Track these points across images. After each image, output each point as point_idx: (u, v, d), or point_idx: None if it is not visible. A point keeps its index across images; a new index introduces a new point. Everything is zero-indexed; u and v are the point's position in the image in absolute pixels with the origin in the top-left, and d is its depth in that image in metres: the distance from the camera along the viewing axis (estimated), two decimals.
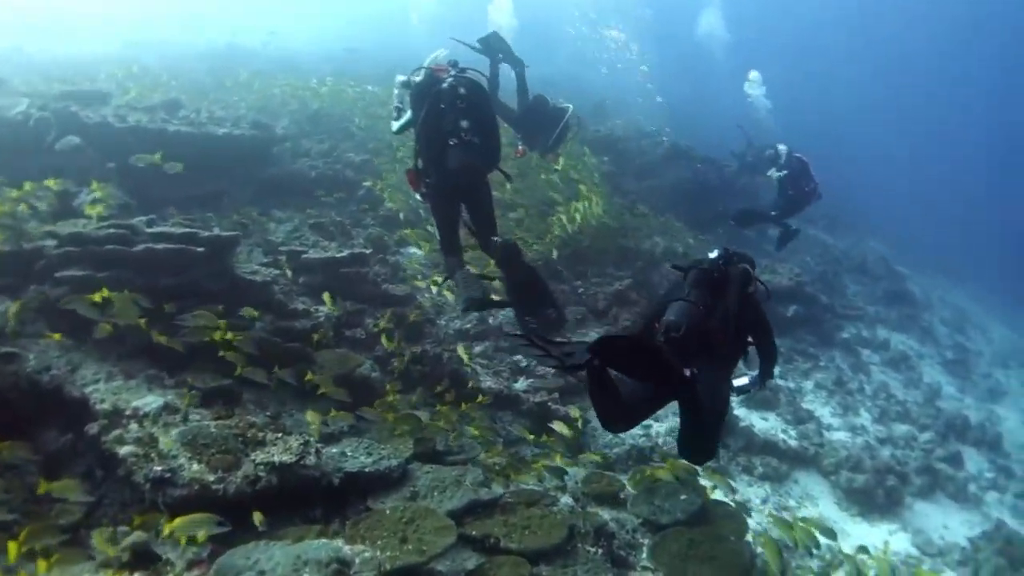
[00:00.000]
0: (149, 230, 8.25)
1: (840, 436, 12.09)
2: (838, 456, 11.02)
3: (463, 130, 6.75)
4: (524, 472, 7.58)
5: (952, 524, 11.18)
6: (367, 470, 6.47)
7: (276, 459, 5.81)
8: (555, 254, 11.98)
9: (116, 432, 5.99)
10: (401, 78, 7.65)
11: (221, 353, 7.03)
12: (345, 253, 10.10)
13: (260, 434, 6.10)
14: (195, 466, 5.63)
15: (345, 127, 17.09)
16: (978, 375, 18.05)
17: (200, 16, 31.68)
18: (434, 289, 10.58)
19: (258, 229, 11.77)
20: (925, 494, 11.59)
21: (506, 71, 11.46)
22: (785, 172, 14.45)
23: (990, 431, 14.54)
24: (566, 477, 7.78)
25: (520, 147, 11.61)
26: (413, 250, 12.37)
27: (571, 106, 11.60)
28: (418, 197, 7.42)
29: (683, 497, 7.43)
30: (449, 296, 10.22)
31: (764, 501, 9.96)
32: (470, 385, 9.04)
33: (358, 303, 9.67)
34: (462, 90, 6.95)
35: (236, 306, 8.10)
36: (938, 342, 18.94)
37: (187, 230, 8.35)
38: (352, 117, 17.35)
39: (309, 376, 7.43)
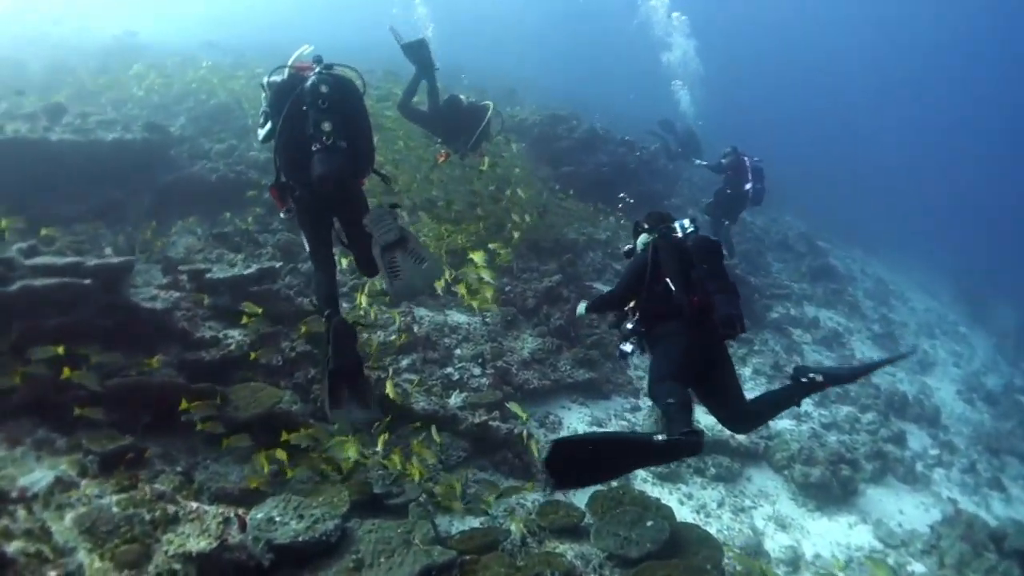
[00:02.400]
0: (28, 262, 7.07)
1: (786, 425, 11.57)
2: (790, 449, 10.46)
3: (325, 133, 5.74)
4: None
5: (907, 509, 10.84)
6: (301, 539, 5.48)
7: (192, 547, 4.73)
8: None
9: (1, 523, 4.83)
10: (265, 79, 6.54)
11: (77, 411, 5.99)
12: (253, 269, 8.89)
13: (171, 508, 4.99)
14: (97, 563, 4.48)
15: (244, 123, 15.67)
16: (906, 347, 17.90)
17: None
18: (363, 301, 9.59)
19: (156, 244, 10.62)
20: (877, 479, 11.22)
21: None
22: (725, 168, 14.59)
23: (927, 405, 14.36)
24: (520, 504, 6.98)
25: (442, 151, 11.12)
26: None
27: (491, 103, 10.98)
28: (282, 215, 6.31)
29: (650, 524, 6.60)
30: (370, 309, 9.29)
31: (720, 504, 9.32)
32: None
33: (271, 324, 8.54)
34: (324, 88, 5.94)
35: (136, 342, 7.03)
36: (865, 316, 18.83)
37: (72, 260, 7.18)
38: (249, 111, 15.96)
39: (204, 426, 6.41)
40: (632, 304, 5.95)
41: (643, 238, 6.16)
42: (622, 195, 16.23)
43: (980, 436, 14.28)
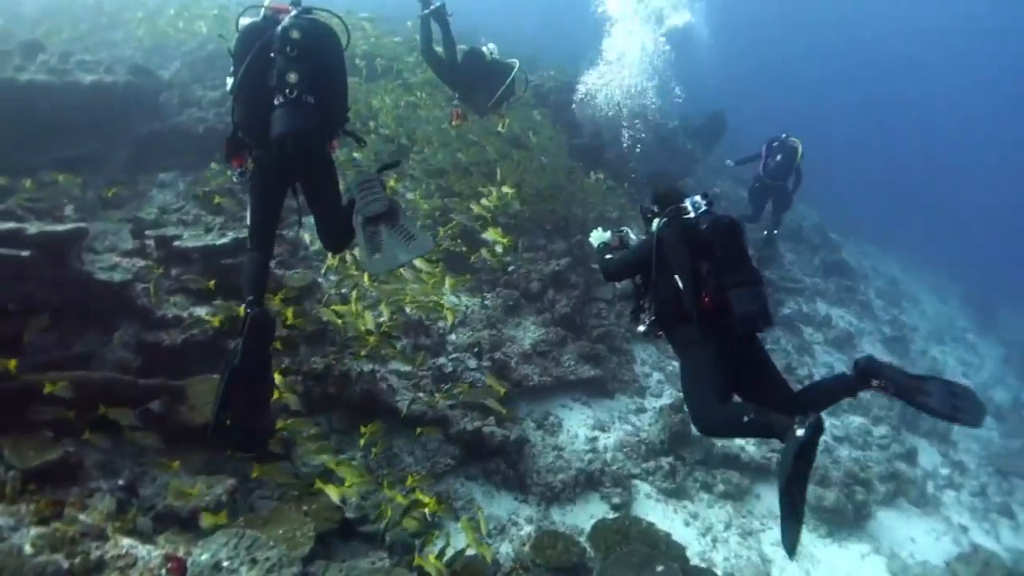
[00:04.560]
0: None
1: None
2: None
3: (290, 85, 4.89)
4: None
5: (919, 536, 10.26)
6: None
7: None
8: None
9: None
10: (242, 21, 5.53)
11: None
12: (227, 239, 7.86)
13: (96, 551, 4.06)
14: None
15: None
16: (916, 352, 17.37)
17: None
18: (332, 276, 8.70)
19: (129, 202, 9.71)
20: (889, 501, 10.59)
21: None
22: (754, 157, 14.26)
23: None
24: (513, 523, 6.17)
25: (457, 109, 10.20)
26: None
27: (517, 62, 10.05)
28: (234, 178, 5.35)
29: (660, 569, 5.79)
30: (366, 281, 8.34)
31: (727, 526, 8.55)
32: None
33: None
34: (295, 33, 5.05)
35: (89, 319, 6.14)
36: (876, 316, 18.14)
37: (10, 226, 6.15)
38: None
39: (131, 436, 5.53)
40: (646, 297, 5.23)
41: (655, 223, 5.28)
42: (632, 163, 15.46)
43: (989, 456, 13.65)
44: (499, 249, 9.47)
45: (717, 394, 4.52)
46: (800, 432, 3.83)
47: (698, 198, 5.14)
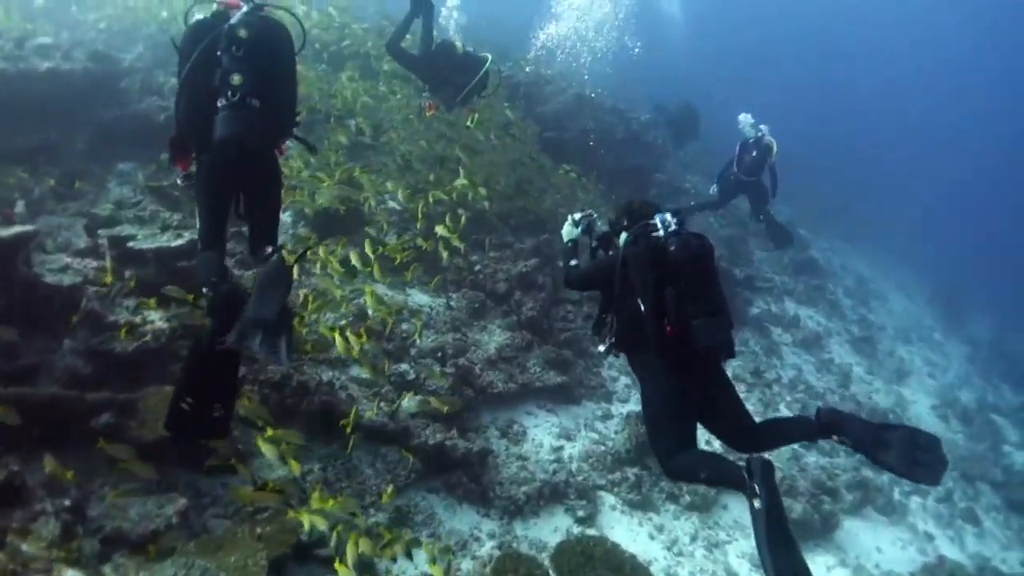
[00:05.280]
0: None
1: None
2: None
3: (233, 87, 4.61)
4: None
5: (885, 546, 10.24)
6: None
7: None
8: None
9: None
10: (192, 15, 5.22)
11: None
12: (183, 240, 7.44)
13: None
14: None
15: None
16: (883, 353, 17.33)
17: None
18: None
19: (86, 195, 9.32)
20: (856, 509, 10.53)
21: None
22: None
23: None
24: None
25: (428, 102, 10.21)
26: (284, 214, 9.75)
27: (489, 55, 9.89)
28: (178, 180, 5.08)
29: None
30: (324, 283, 8.05)
31: (693, 538, 8.38)
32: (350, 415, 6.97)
33: (198, 307, 7.18)
34: (243, 32, 4.77)
35: (37, 325, 5.81)
36: (844, 316, 18.12)
37: None
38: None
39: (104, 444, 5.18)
40: (609, 315, 4.99)
41: (622, 237, 5.03)
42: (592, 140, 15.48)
43: (955, 460, 13.60)
44: (450, 245, 9.25)
45: (677, 438, 4.40)
46: (758, 504, 3.78)
47: (668, 216, 4.85)
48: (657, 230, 4.78)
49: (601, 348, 4.92)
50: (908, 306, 22.41)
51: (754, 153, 13.52)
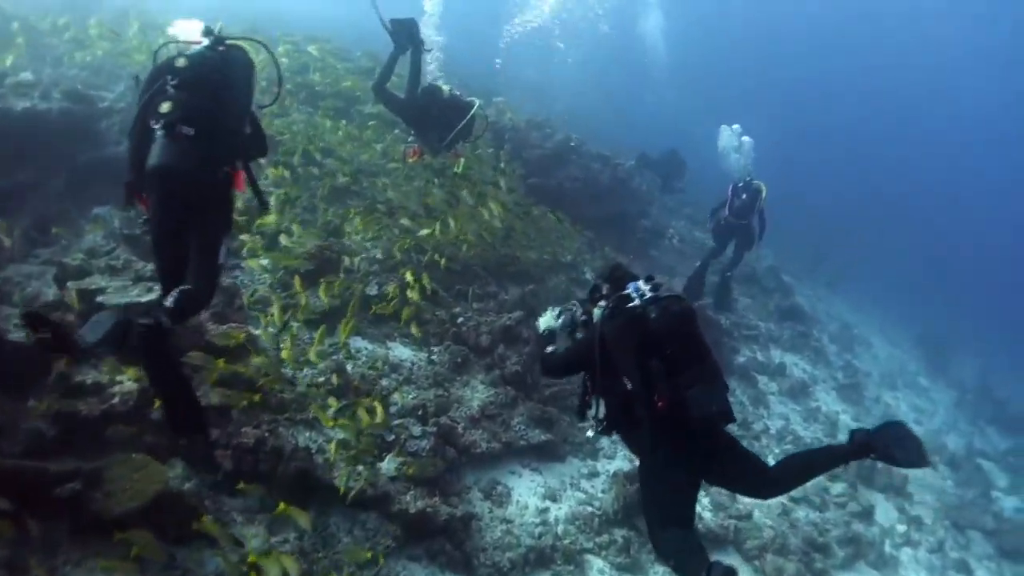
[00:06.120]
0: None
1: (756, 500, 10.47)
2: (761, 537, 9.33)
3: (163, 115, 4.58)
4: None
5: None
6: None
7: None
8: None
9: None
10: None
11: None
12: (155, 294, 7.00)
13: None
14: None
15: None
16: (870, 400, 17.23)
17: None
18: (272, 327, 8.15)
19: (58, 241, 9.07)
20: (848, 565, 10.31)
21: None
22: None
23: (895, 473, 13.35)
24: None
25: (413, 147, 10.21)
26: (254, 263, 9.43)
27: (477, 100, 9.81)
28: (139, 220, 5.02)
29: None
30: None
31: None
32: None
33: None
34: (180, 62, 4.80)
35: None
36: (830, 363, 17.98)
37: None
38: None
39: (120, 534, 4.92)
40: (593, 397, 4.77)
41: (597, 311, 4.86)
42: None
43: (945, 508, 13.46)
44: (416, 293, 9.17)
45: (675, 520, 4.22)
46: None
47: (641, 283, 4.68)
48: (632, 300, 4.60)
49: (590, 433, 4.70)
50: (892, 351, 22.36)
51: (744, 196, 13.61)
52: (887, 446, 4.44)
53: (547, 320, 5.44)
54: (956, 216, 51.49)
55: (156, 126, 4.56)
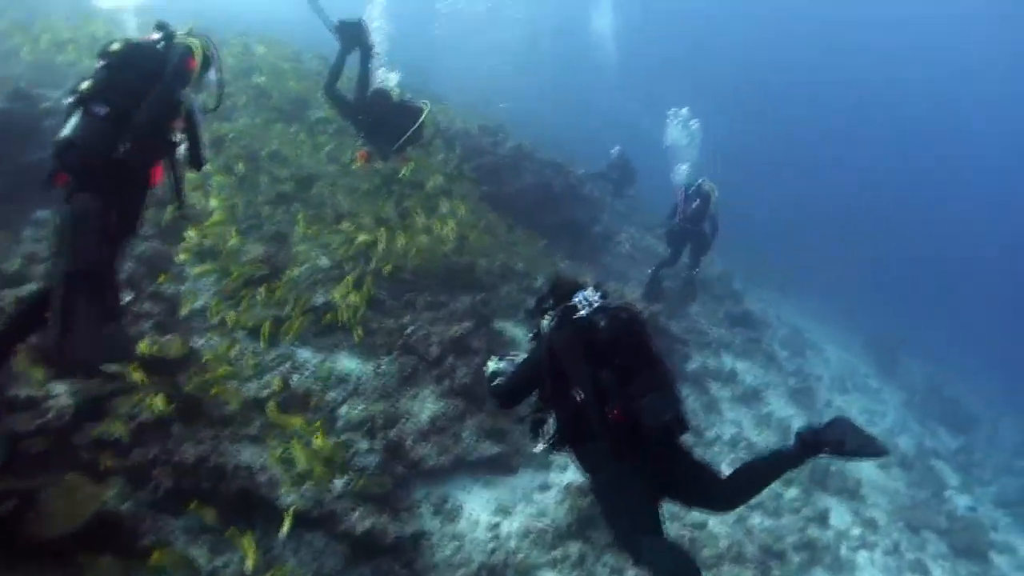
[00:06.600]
0: None
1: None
2: (718, 547, 9.22)
3: (80, 92, 4.68)
4: None
5: None
6: None
7: None
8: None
9: None
10: None
11: None
12: None
13: None
14: None
15: None
16: (821, 404, 17.29)
17: None
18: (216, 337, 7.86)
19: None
20: (804, 571, 10.28)
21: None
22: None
23: (848, 476, 13.45)
24: None
25: (361, 150, 10.17)
26: (197, 271, 9.04)
27: (428, 104, 9.74)
28: None
29: None
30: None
31: None
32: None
33: (107, 380, 6.48)
34: (115, 46, 4.92)
35: None
36: (781, 368, 18.02)
37: None
38: None
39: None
40: (545, 413, 4.59)
41: (544, 323, 4.73)
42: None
43: (898, 509, 13.59)
44: (357, 297, 9.04)
45: (639, 527, 4.12)
46: None
47: (588, 292, 4.62)
48: (579, 310, 4.49)
49: (540, 447, 4.52)
50: (842, 355, 22.55)
51: (696, 202, 13.64)
52: (838, 441, 4.34)
53: (493, 365, 5.21)
54: (905, 220, 52.36)
55: (71, 100, 4.66)
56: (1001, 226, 55.57)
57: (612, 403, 4.13)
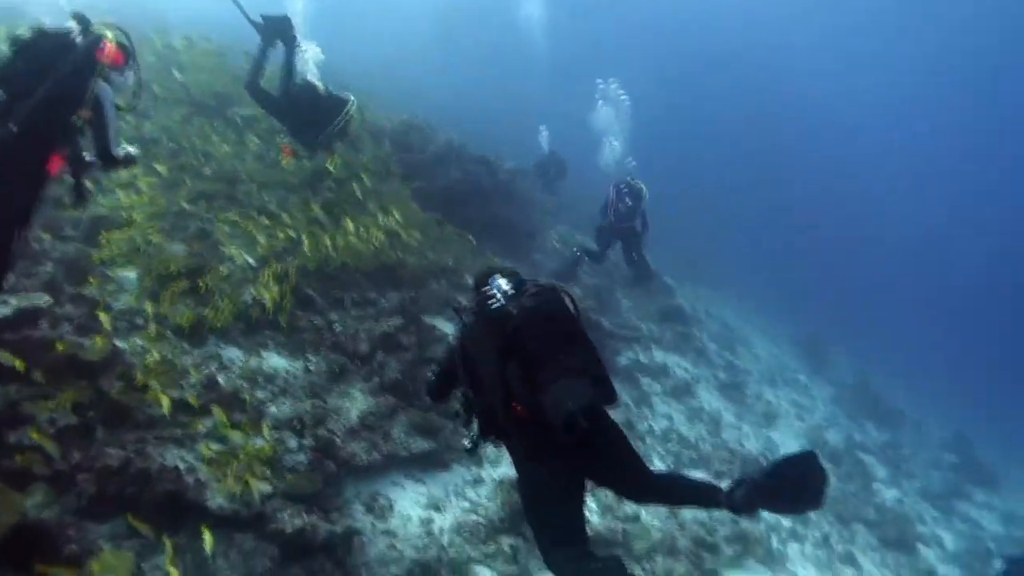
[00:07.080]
0: None
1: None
2: (651, 538, 9.22)
3: None
4: None
5: None
6: None
7: None
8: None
9: None
10: None
11: None
12: (8, 311, 6.54)
13: None
14: None
15: None
16: (752, 397, 17.48)
17: None
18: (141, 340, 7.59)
19: None
20: (736, 562, 10.33)
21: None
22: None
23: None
24: None
25: (286, 146, 9.99)
26: (119, 271, 8.73)
27: (353, 98, 9.62)
28: None
29: None
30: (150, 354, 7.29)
31: None
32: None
33: (29, 385, 6.17)
34: (25, 32, 4.85)
35: None
36: (711, 362, 18.23)
37: None
38: None
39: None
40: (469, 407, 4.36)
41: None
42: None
43: (829, 502, 13.69)
44: (273, 291, 8.82)
45: (562, 532, 3.91)
46: None
47: (502, 281, 4.36)
48: (495, 299, 4.25)
49: (467, 444, 4.34)
50: (772, 350, 22.91)
51: (628, 200, 13.71)
52: (772, 497, 4.02)
53: (430, 385, 5.02)
54: (832, 217, 53.24)
55: None
56: (937, 228, 56.95)
57: (517, 398, 3.89)
